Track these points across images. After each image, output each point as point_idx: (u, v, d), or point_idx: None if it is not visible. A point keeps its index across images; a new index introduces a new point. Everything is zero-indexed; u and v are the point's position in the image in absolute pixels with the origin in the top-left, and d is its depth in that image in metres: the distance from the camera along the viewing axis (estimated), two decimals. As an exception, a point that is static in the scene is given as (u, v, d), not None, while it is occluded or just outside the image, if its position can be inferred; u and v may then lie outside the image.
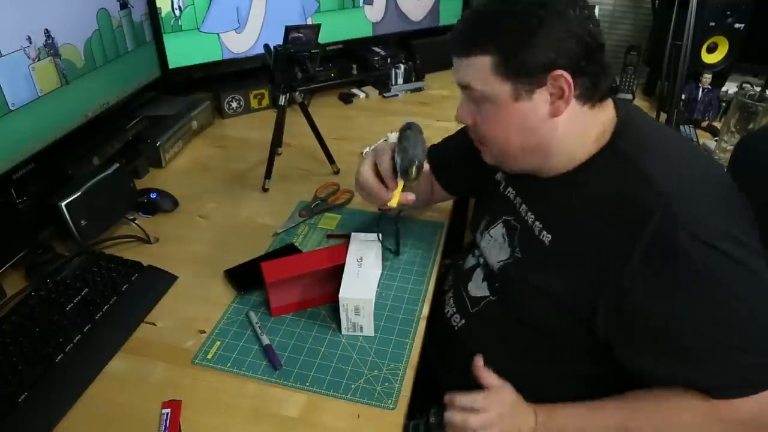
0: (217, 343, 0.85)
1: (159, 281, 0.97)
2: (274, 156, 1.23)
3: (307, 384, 0.79)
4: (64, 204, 0.97)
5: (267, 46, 1.17)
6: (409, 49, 1.81)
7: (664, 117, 1.48)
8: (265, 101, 1.62)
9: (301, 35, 1.14)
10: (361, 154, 1.37)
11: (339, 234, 1.08)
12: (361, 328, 0.86)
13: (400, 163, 0.84)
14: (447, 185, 1.07)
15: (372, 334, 0.86)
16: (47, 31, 1.02)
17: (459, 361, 0.84)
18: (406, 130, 0.86)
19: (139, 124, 1.31)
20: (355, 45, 1.73)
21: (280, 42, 1.14)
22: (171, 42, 1.37)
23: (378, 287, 0.95)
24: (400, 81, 1.75)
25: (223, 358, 0.83)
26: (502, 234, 0.86)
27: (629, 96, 1.63)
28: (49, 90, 1.04)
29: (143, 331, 0.88)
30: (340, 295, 0.83)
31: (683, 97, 1.51)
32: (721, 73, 1.58)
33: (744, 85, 1.58)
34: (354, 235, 0.96)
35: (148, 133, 1.31)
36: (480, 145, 0.82)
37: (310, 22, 1.58)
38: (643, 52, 1.70)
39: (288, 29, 1.12)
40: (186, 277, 0.98)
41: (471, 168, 0.90)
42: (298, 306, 0.91)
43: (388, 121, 1.54)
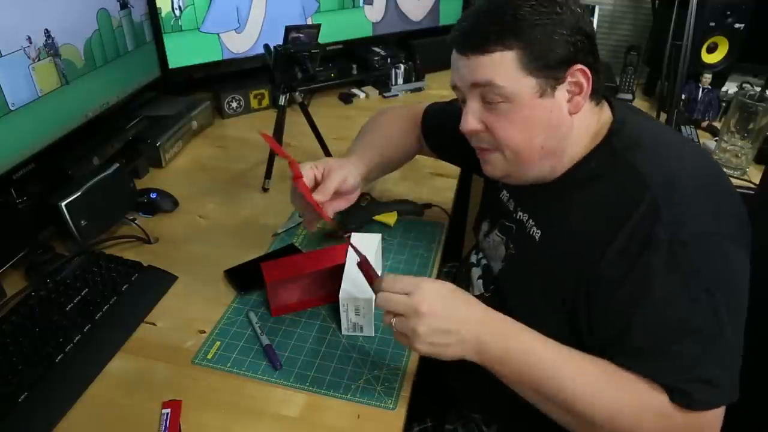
0: (217, 343, 0.85)
1: (159, 281, 0.97)
2: (274, 156, 1.23)
3: (307, 384, 0.79)
4: (64, 204, 0.97)
5: (267, 46, 1.17)
6: (409, 49, 1.81)
7: (664, 117, 1.48)
8: (265, 101, 1.62)
9: (301, 35, 1.14)
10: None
11: (339, 234, 1.08)
12: (361, 328, 0.86)
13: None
14: (435, 148, 1.06)
15: (372, 334, 0.86)
16: (47, 31, 1.02)
17: (465, 362, 0.83)
18: None
19: (139, 124, 1.31)
20: (355, 45, 1.73)
21: (280, 42, 1.14)
22: (171, 42, 1.37)
23: (378, 287, 0.95)
24: (400, 81, 1.75)
25: (223, 358, 0.83)
26: (500, 238, 0.86)
27: (629, 96, 1.63)
28: (49, 90, 1.04)
29: (143, 331, 0.88)
30: (341, 295, 0.83)
31: (683, 97, 1.51)
32: (721, 73, 1.58)
33: (744, 85, 1.58)
34: (354, 235, 0.95)
35: (148, 133, 1.31)
36: (486, 153, 0.77)
37: (310, 22, 1.58)
38: (643, 52, 1.70)
39: (288, 29, 1.12)
40: (186, 277, 0.98)
41: (460, 140, 0.84)
42: (298, 306, 0.91)
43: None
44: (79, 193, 0.99)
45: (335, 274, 0.87)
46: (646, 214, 0.65)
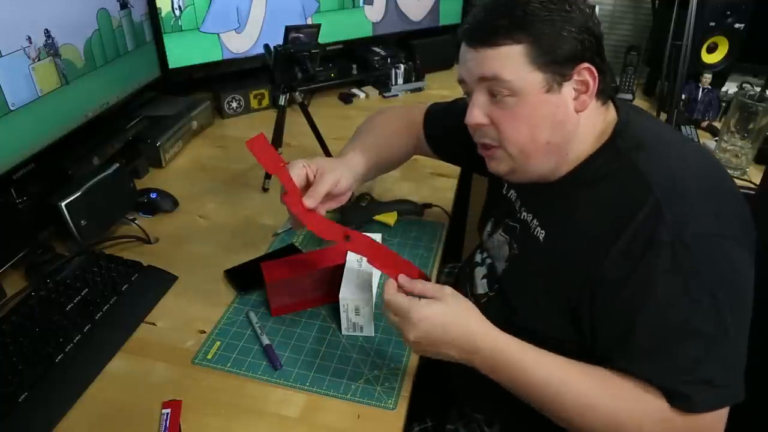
0: (217, 343, 0.85)
1: (159, 281, 0.97)
2: (274, 156, 1.23)
3: (307, 384, 0.79)
4: (64, 204, 0.97)
5: (267, 46, 1.17)
6: (409, 49, 1.81)
7: (664, 117, 1.48)
8: (265, 101, 1.62)
9: (301, 35, 1.14)
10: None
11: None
12: (361, 328, 0.86)
13: None
14: (436, 148, 1.05)
15: (372, 334, 0.86)
16: (47, 31, 1.02)
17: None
18: None
19: (139, 124, 1.31)
20: (355, 45, 1.73)
21: (280, 42, 1.14)
22: (171, 42, 1.37)
23: (378, 287, 0.95)
24: (400, 81, 1.75)
25: (223, 358, 0.82)
26: (504, 237, 0.86)
27: (629, 96, 1.63)
28: (49, 90, 1.04)
29: (143, 331, 0.88)
30: (341, 295, 0.83)
31: (683, 97, 1.51)
32: (721, 73, 1.58)
33: (744, 85, 1.58)
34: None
35: (148, 133, 1.31)
36: (490, 150, 0.76)
37: (310, 22, 1.58)
38: (643, 52, 1.70)
39: (288, 29, 1.12)
40: (186, 277, 0.98)
41: (463, 138, 0.84)
42: (298, 306, 0.91)
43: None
44: (79, 193, 0.99)
45: (335, 274, 0.87)
46: (649, 216, 0.65)
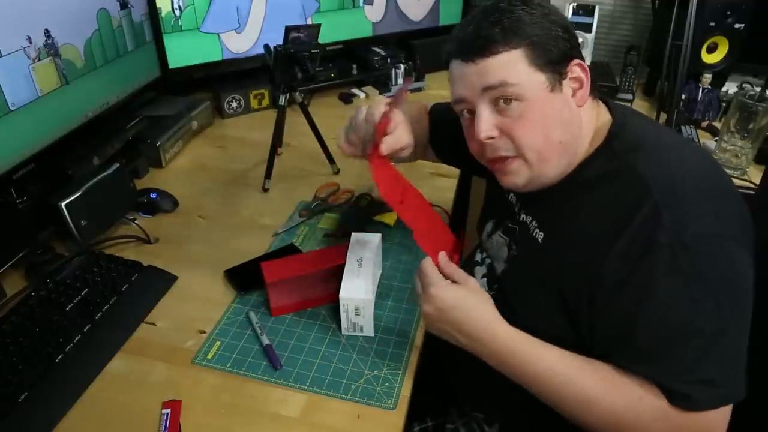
0: (217, 343, 0.85)
1: (159, 281, 0.97)
2: (274, 156, 1.23)
3: (307, 384, 0.79)
4: (64, 204, 0.97)
5: (267, 46, 1.17)
6: (409, 49, 1.81)
7: (664, 117, 1.48)
8: (265, 101, 1.62)
9: (301, 35, 1.14)
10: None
11: (338, 234, 1.08)
12: (361, 329, 0.86)
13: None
14: (438, 150, 1.05)
15: (372, 334, 0.86)
16: (47, 31, 1.02)
17: (469, 361, 0.82)
18: None
19: (139, 124, 1.31)
20: (355, 45, 1.73)
21: (280, 42, 1.14)
22: (171, 42, 1.37)
23: (378, 287, 0.95)
24: (400, 81, 1.75)
25: (223, 358, 0.83)
26: (504, 239, 0.86)
27: (629, 96, 1.63)
28: (49, 90, 1.04)
29: (143, 331, 0.88)
30: (341, 295, 0.83)
31: (683, 97, 1.51)
32: (721, 73, 1.58)
33: (744, 85, 1.58)
34: (354, 235, 0.95)
35: (148, 133, 1.31)
36: (506, 163, 0.74)
37: (310, 22, 1.58)
38: (643, 52, 1.70)
39: (288, 29, 1.12)
40: (186, 277, 0.98)
41: (463, 140, 0.83)
42: (298, 306, 0.91)
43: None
44: (79, 193, 0.99)
45: (335, 274, 0.87)
46: (648, 217, 0.65)
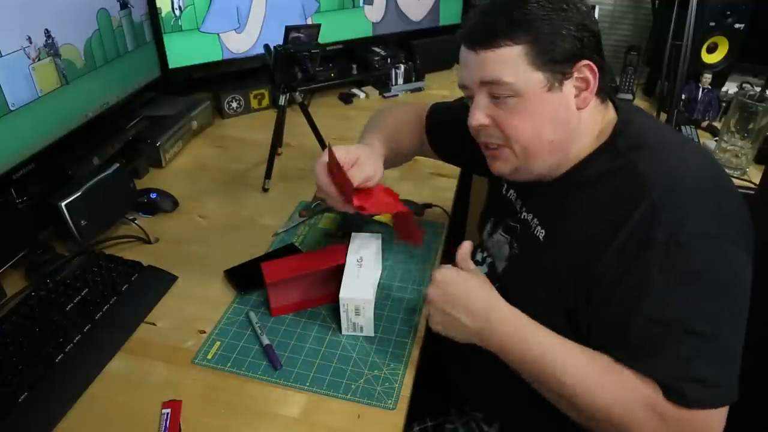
0: (217, 343, 0.85)
1: (159, 281, 0.97)
2: (274, 156, 1.23)
3: (307, 384, 0.79)
4: (64, 204, 0.97)
5: (267, 46, 1.17)
6: (409, 49, 1.81)
7: (664, 117, 1.48)
8: (265, 101, 1.62)
9: (301, 35, 1.14)
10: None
11: (338, 234, 1.08)
12: (361, 329, 0.86)
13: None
14: (438, 148, 1.05)
15: (372, 334, 0.86)
16: (47, 31, 1.02)
17: (474, 360, 0.82)
18: None
19: (139, 124, 1.31)
20: (355, 45, 1.73)
21: (280, 42, 1.14)
22: (171, 42, 1.37)
23: (378, 287, 0.95)
24: (400, 81, 1.75)
25: (223, 358, 0.82)
26: (505, 237, 0.86)
27: (629, 96, 1.63)
28: (49, 90, 1.04)
29: (143, 331, 0.88)
30: (341, 295, 0.83)
31: (683, 97, 1.51)
32: (721, 73, 1.58)
33: (744, 85, 1.58)
34: (354, 235, 0.96)
35: (148, 133, 1.31)
36: (493, 150, 0.77)
37: (310, 22, 1.58)
38: (643, 52, 1.70)
39: (288, 29, 1.12)
40: (186, 277, 0.98)
41: (463, 139, 0.85)
42: (298, 306, 0.91)
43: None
44: (79, 193, 0.99)
45: (335, 274, 0.87)
46: (645, 215, 0.65)
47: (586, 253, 0.69)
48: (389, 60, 1.75)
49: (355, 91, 1.75)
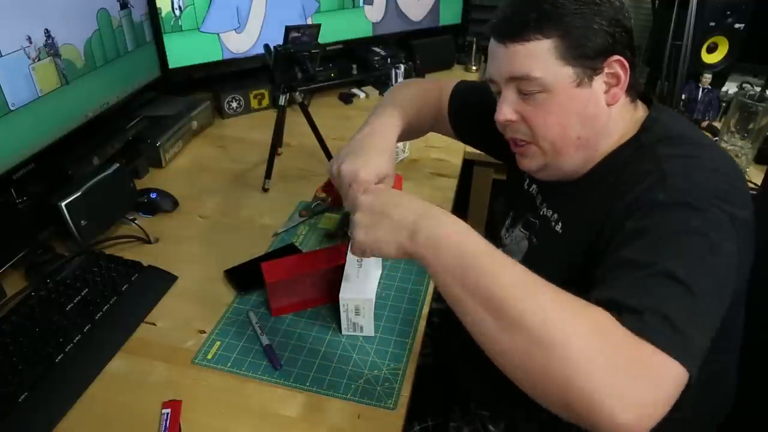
0: (217, 343, 0.85)
1: (159, 281, 0.97)
2: (274, 156, 1.23)
3: (307, 384, 0.79)
4: (64, 204, 0.97)
5: (267, 46, 1.17)
6: (409, 49, 1.81)
7: (664, 117, 1.48)
8: (265, 101, 1.62)
9: (301, 35, 1.14)
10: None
11: (339, 234, 1.08)
12: (361, 328, 0.86)
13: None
14: (460, 130, 1.04)
15: (372, 334, 0.86)
16: (47, 31, 1.02)
17: (483, 358, 0.81)
18: None
19: (139, 124, 1.31)
20: (355, 45, 1.73)
21: (280, 42, 1.14)
22: (171, 42, 1.37)
23: (378, 287, 0.95)
24: (400, 81, 1.75)
25: (223, 358, 0.83)
26: (524, 233, 0.86)
27: (629, 96, 1.62)
28: (49, 90, 1.04)
29: (143, 331, 0.88)
30: (341, 295, 0.83)
31: (683, 97, 1.51)
32: (721, 73, 1.58)
33: (744, 85, 1.58)
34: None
35: (148, 133, 1.31)
36: (521, 146, 0.76)
37: (310, 22, 1.58)
38: (643, 52, 1.70)
39: (288, 29, 1.12)
40: (186, 277, 0.98)
41: (485, 120, 0.83)
42: (298, 306, 0.91)
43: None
44: (79, 193, 0.99)
45: (335, 274, 0.87)
46: (654, 183, 0.64)
47: (598, 229, 0.68)
48: (389, 60, 1.75)
49: (355, 91, 1.75)
